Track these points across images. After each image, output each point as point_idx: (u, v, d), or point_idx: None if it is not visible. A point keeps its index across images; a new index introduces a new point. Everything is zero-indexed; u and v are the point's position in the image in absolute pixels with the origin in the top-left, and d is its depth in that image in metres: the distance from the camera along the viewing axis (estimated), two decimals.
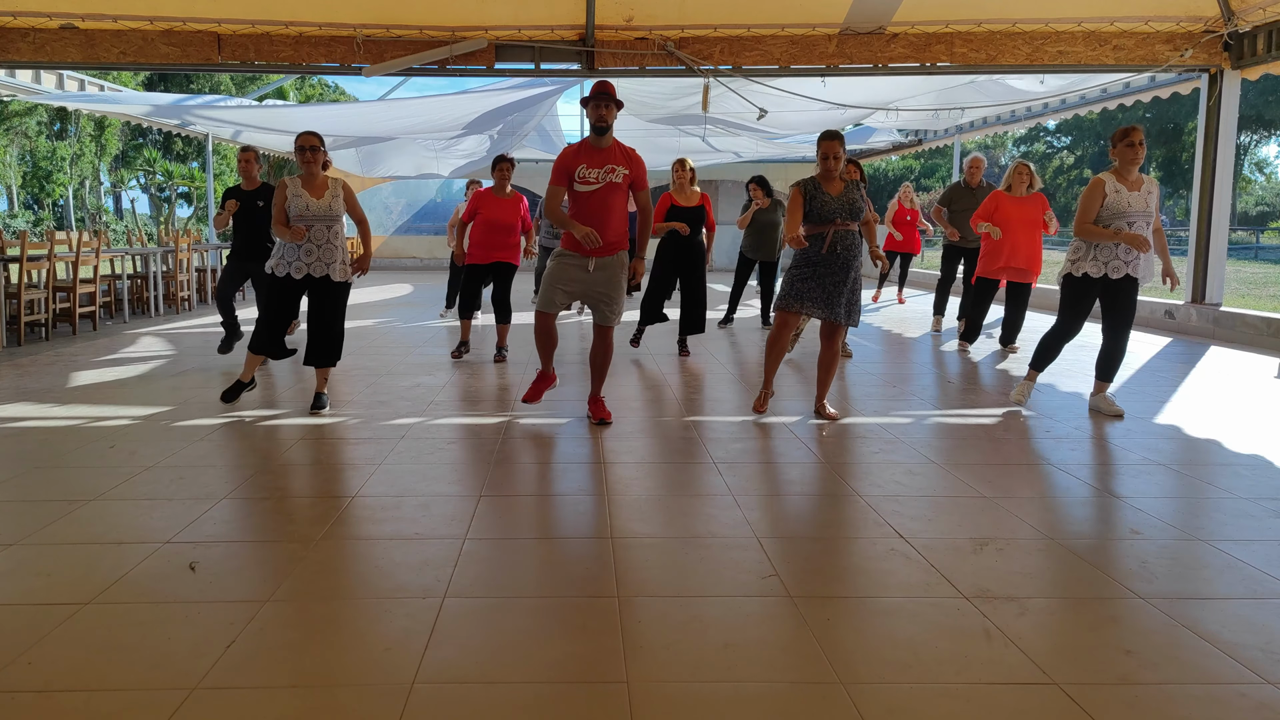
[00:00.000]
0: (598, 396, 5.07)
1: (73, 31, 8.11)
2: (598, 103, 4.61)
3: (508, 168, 7.09)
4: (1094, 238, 5.00)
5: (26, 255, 8.07)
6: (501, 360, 7.12)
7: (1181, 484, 3.92)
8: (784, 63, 8.52)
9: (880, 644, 2.39)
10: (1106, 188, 4.97)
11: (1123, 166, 4.97)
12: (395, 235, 21.63)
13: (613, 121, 4.67)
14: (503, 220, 7.07)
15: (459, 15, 8.13)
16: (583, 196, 4.70)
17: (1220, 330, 8.66)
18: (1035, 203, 7.28)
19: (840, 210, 4.85)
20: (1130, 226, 4.91)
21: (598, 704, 2.09)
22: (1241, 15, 8.13)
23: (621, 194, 4.72)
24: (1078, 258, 5.08)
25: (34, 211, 31.84)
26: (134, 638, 2.40)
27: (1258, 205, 45.76)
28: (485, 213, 7.07)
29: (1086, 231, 5.01)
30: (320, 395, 5.32)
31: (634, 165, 4.73)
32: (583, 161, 4.68)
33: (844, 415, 5.22)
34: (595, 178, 4.65)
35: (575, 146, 4.77)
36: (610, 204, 4.68)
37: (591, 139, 4.71)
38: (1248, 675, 2.23)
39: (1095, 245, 5.03)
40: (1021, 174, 7.32)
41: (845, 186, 4.91)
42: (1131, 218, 4.91)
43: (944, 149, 22.92)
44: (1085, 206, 5.03)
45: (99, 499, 3.61)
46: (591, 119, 4.65)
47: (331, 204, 5.13)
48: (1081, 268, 5.06)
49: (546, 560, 3.00)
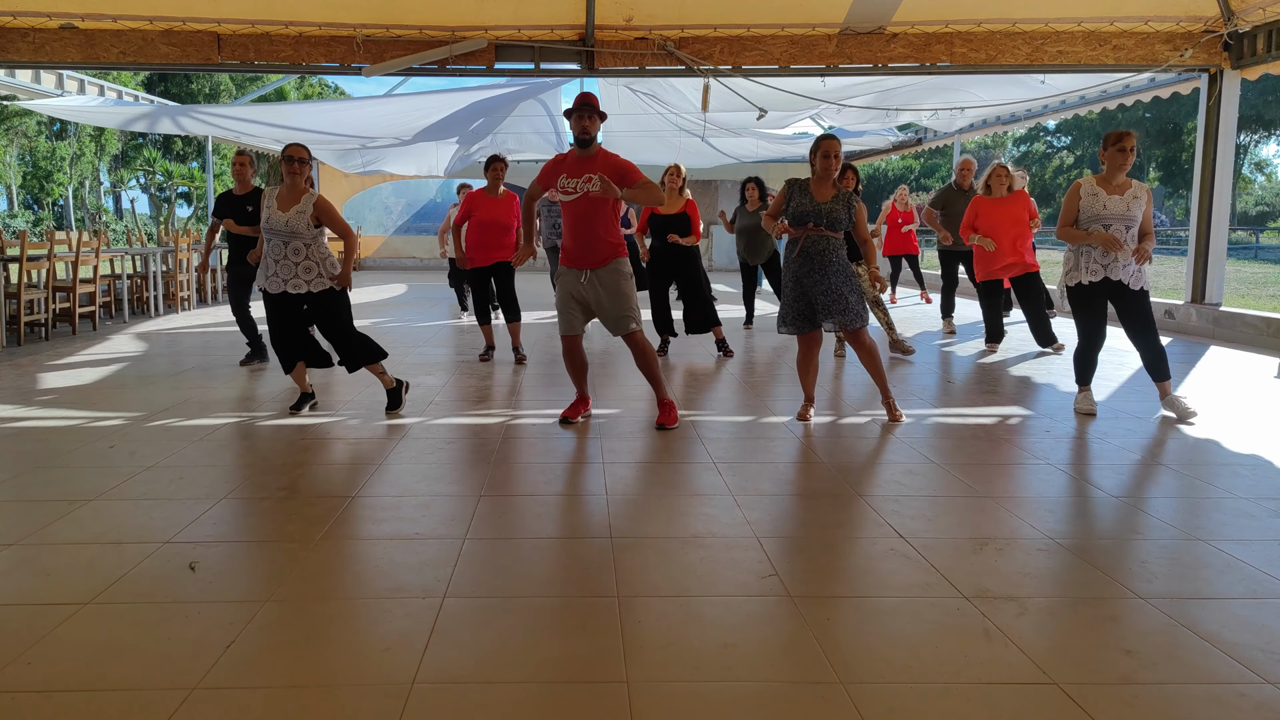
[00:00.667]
0: (663, 399, 4.96)
1: (72, 31, 8.10)
2: (580, 114, 4.61)
3: (501, 167, 7.08)
4: (1069, 239, 5.07)
5: (26, 255, 8.07)
6: (521, 362, 7.11)
7: (1181, 484, 3.92)
8: (784, 63, 8.51)
9: (880, 644, 2.39)
10: (1083, 190, 5.02)
11: (1109, 170, 4.99)
12: (395, 235, 21.63)
13: (596, 133, 4.68)
14: (497, 220, 7.06)
15: (459, 15, 8.13)
16: (565, 207, 4.73)
17: (1220, 330, 8.66)
18: (1017, 201, 7.41)
19: (816, 216, 4.77)
20: (1107, 229, 4.92)
21: (597, 704, 2.09)
22: (1241, 15, 8.12)
23: (600, 204, 4.65)
24: (1070, 268, 5.13)
25: (34, 211, 31.86)
26: (134, 638, 2.40)
27: (1257, 205, 45.77)
28: (479, 214, 7.04)
29: (1064, 233, 5.09)
30: (391, 393, 5.24)
31: (613, 166, 4.66)
32: (564, 172, 4.71)
33: (844, 415, 5.22)
34: (573, 188, 4.66)
35: (563, 155, 4.83)
36: (590, 214, 4.66)
37: (577, 150, 4.72)
38: (1248, 675, 2.23)
39: (1080, 251, 5.06)
40: (1000, 176, 7.38)
41: (835, 195, 4.82)
42: (1107, 221, 4.91)
43: (944, 149, 22.92)
44: (1064, 209, 5.11)
45: (99, 499, 3.61)
46: (575, 131, 4.66)
47: (291, 219, 4.93)
48: (1074, 277, 5.09)
49: (546, 560, 3.00)
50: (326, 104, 16.04)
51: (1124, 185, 4.96)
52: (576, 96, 4.69)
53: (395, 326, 9.65)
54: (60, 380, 6.32)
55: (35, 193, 31.56)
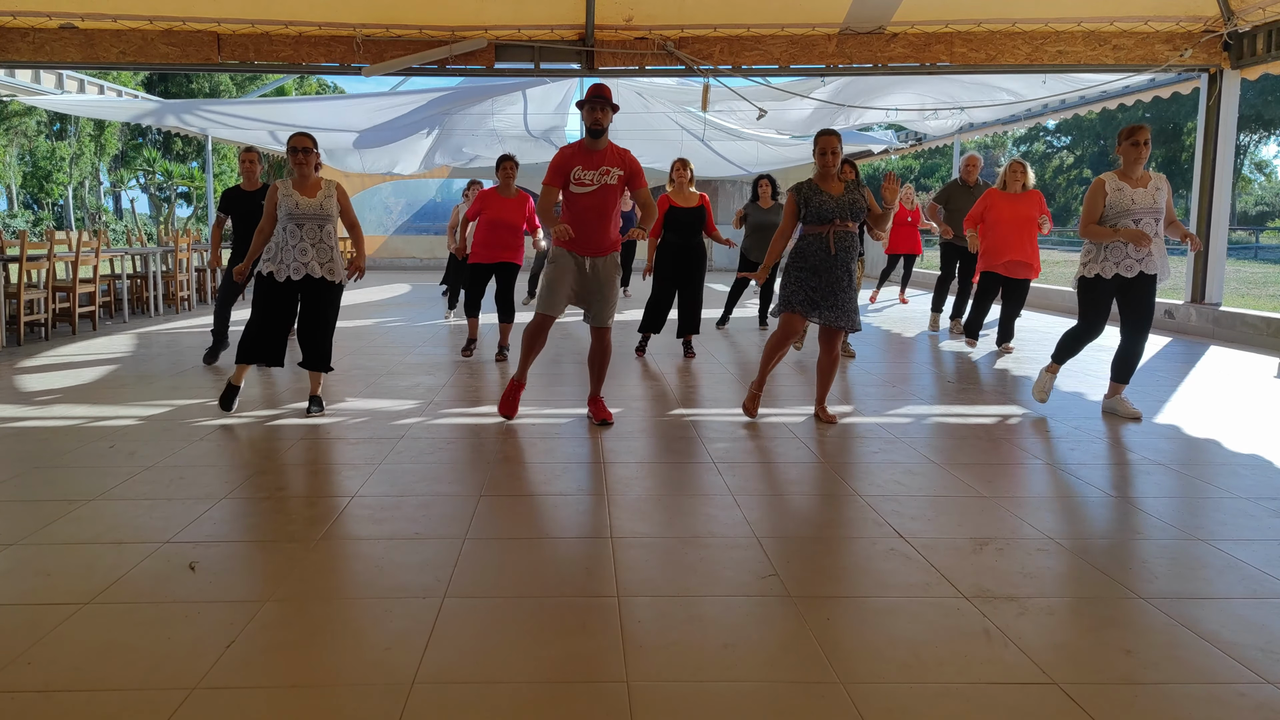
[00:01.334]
0: (598, 397, 5.08)
1: (72, 31, 8.11)
2: (593, 106, 4.64)
3: (512, 167, 7.08)
4: (1096, 237, 5.01)
5: (26, 255, 8.07)
6: (503, 359, 7.16)
7: (1181, 484, 3.92)
8: (784, 63, 8.51)
9: (880, 644, 2.39)
10: (1107, 186, 4.98)
11: (1127, 165, 4.99)
12: (395, 235, 21.61)
13: (608, 125, 4.72)
14: (507, 220, 7.05)
15: (459, 15, 8.13)
16: (579, 198, 4.77)
17: (1220, 330, 8.66)
18: (1030, 200, 7.33)
19: (840, 210, 4.81)
20: (1137, 223, 4.91)
21: (597, 704, 2.09)
22: (1241, 15, 8.13)
23: (615, 195, 4.79)
24: (1089, 259, 5.10)
25: (33, 211, 31.84)
26: (134, 638, 2.40)
27: (1257, 205, 45.77)
28: (489, 212, 7.04)
29: (1090, 232, 5.03)
30: (315, 398, 5.26)
31: (628, 165, 4.79)
32: (579, 163, 4.74)
33: (844, 415, 5.22)
34: (591, 179, 4.72)
35: (571, 148, 4.83)
36: (605, 205, 4.76)
37: (587, 141, 4.75)
38: (1247, 675, 2.23)
39: (1104, 246, 5.03)
40: (1016, 172, 7.39)
41: (845, 186, 4.87)
42: (1137, 214, 4.91)
43: (944, 149, 22.92)
44: (1089, 207, 5.05)
45: (99, 499, 3.61)
46: (587, 122, 4.70)
47: (324, 203, 5.08)
48: (1093, 269, 5.07)
49: (546, 560, 3.00)
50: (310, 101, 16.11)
51: (1145, 178, 4.98)
52: (590, 87, 4.72)
53: (396, 326, 9.64)
54: (60, 380, 6.32)
55: (35, 192, 31.55)
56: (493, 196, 7.09)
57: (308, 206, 5.04)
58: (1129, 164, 4.97)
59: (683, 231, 7.27)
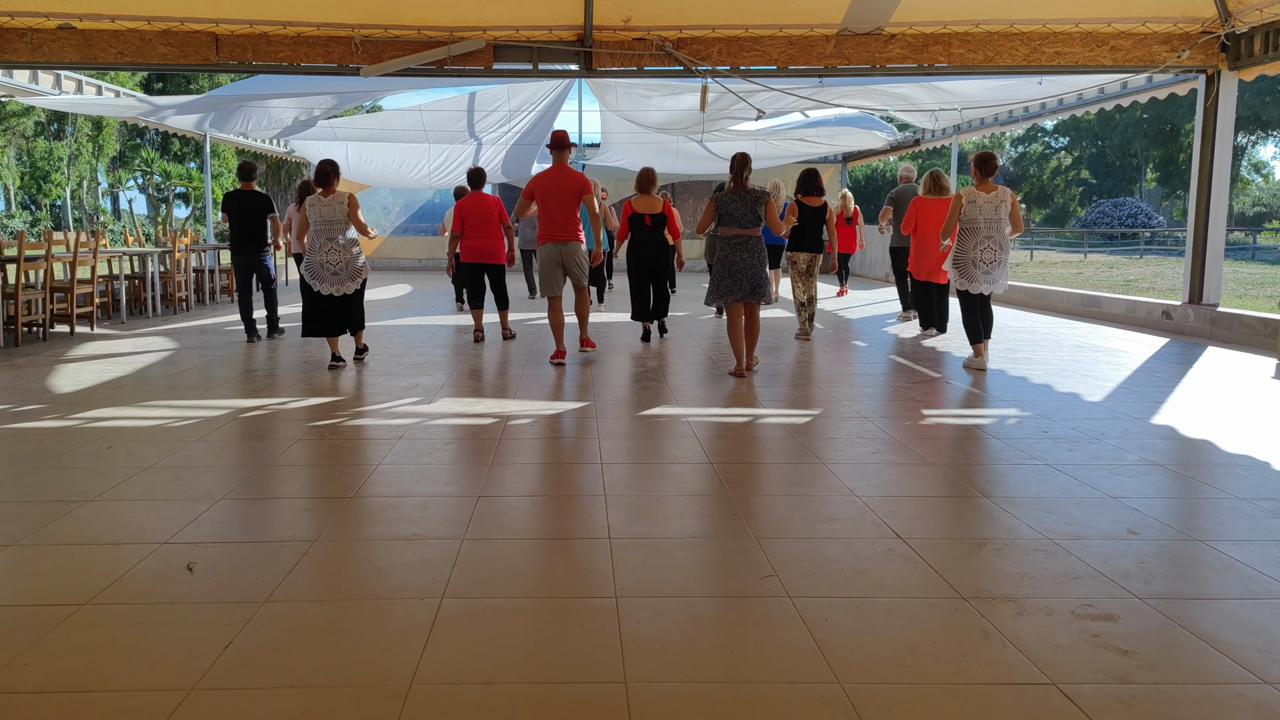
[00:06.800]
0: (585, 335, 7.30)
1: (70, 32, 8.09)
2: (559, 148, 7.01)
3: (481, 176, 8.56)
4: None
5: (24, 256, 8.06)
6: (511, 337, 8.56)
7: (1179, 484, 3.92)
8: (782, 63, 8.51)
9: (878, 644, 2.39)
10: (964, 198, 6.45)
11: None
12: (394, 236, 21.60)
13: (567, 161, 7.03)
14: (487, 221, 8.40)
15: (457, 16, 8.12)
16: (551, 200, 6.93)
17: (1218, 331, 8.67)
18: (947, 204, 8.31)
19: (744, 216, 6.38)
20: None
21: (596, 704, 2.09)
22: (1238, 16, 8.13)
23: (576, 201, 6.92)
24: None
25: (31, 212, 31.77)
26: (132, 638, 2.40)
27: (1255, 206, 45.83)
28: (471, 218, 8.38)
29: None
30: (362, 348, 7.24)
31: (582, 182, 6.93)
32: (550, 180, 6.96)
33: (844, 416, 5.22)
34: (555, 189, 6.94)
35: (542, 174, 6.96)
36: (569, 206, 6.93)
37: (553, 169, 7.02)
38: (1245, 675, 2.23)
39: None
40: (937, 180, 8.47)
41: (747, 195, 6.38)
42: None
43: (942, 149, 22.93)
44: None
45: (97, 499, 3.60)
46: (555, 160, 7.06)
47: (335, 209, 6.85)
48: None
49: (545, 560, 3.00)
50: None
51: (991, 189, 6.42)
52: (552, 134, 7.07)
53: (398, 326, 9.64)
54: (58, 381, 6.31)
55: (33, 193, 31.46)
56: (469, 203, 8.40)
57: (330, 214, 6.84)
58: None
59: (647, 231, 8.06)
